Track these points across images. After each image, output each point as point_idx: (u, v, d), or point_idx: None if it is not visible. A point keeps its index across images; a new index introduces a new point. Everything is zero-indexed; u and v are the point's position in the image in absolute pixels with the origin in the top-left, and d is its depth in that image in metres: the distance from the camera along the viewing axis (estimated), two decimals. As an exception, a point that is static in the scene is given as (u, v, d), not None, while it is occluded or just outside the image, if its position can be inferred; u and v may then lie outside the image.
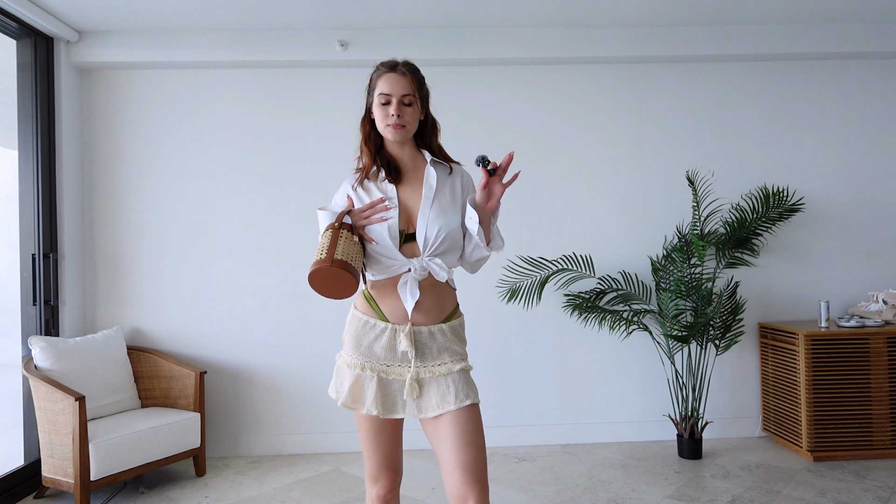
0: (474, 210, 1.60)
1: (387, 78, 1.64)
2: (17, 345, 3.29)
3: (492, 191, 1.60)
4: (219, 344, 3.66)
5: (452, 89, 3.74)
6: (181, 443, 3.14)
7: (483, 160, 1.55)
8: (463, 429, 1.58)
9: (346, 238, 1.57)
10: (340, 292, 1.58)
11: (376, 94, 1.64)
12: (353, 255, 1.56)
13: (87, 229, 3.65)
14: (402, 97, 1.63)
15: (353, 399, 1.66)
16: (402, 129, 1.64)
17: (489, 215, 1.64)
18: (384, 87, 1.63)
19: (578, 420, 3.75)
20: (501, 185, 1.60)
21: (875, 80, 3.85)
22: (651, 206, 3.79)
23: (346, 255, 1.54)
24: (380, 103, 1.63)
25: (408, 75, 1.64)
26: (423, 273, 1.63)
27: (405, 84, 1.63)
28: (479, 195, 1.61)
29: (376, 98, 1.64)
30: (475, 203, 1.62)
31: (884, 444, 3.34)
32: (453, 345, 1.67)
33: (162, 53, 3.56)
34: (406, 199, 1.67)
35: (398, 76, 1.63)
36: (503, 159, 1.58)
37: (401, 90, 1.63)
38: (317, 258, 1.55)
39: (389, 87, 1.62)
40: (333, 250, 1.53)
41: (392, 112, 1.62)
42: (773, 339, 3.65)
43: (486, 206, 1.61)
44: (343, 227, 1.59)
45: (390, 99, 1.62)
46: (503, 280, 3.64)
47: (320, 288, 1.57)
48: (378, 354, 1.65)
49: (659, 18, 3.57)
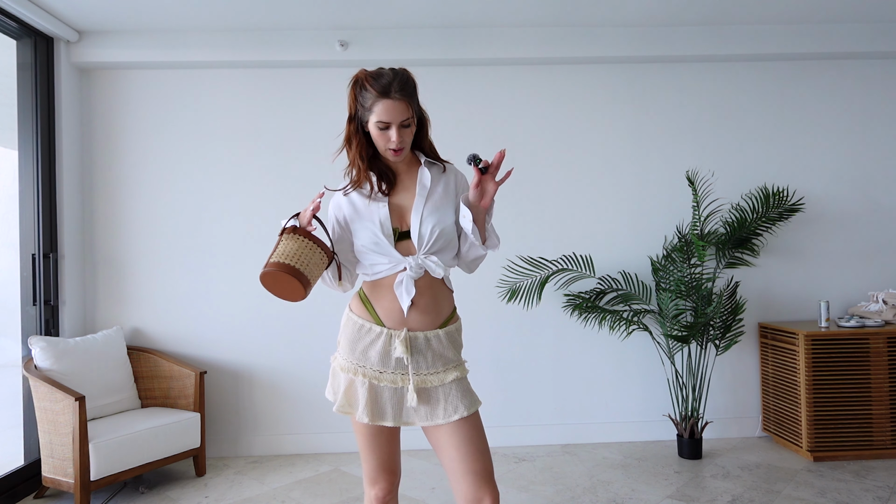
0: (468, 208, 1.60)
1: (383, 106, 1.56)
2: (17, 345, 3.29)
3: (485, 189, 1.60)
4: (219, 344, 3.66)
5: (452, 89, 3.74)
6: (181, 443, 3.14)
7: (474, 159, 1.54)
8: (467, 437, 1.59)
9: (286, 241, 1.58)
10: (292, 292, 1.59)
11: (373, 119, 1.59)
12: (294, 255, 1.56)
13: (87, 229, 3.65)
14: (401, 123, 1.59)
15: (349, 403, 1.66)
16: (402, 151, 1.63)
17: (483, 214, 1.64)
18: (382, 116, 1.57)
19: (578, 420, 3.75)
20: (494, 183, 1.59)
21: (875, 80, 3.85)
22: (651, 206, 3.79)
23: (285, 255, 1.56)
24: (378, 129, 1.60)
25: (403, 99, 1.57)
26: (420, 271, 1.62)
27: (402, 109, 1.57)
28: (473, 194, 1.60)
29: (373, 122, 1.60)
30: (468, 202, 1.61)
31: (884, 444, 3.34)
32: (447, 352, 1.65)
33: (162, 53, 3.56)
34: (400, 199, 1.67)
35: (394, 103, 1.56)
36: (495, 157, 1.58)
37: (399, 116, 1.57)
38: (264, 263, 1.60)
39: (388, 115, 1.57)
40: (272, 253, 1.58)
41: (393, 138, 1.59)
42: (773, 339, 3.65)
43: (480, 205, 1.61)
44: (286, 231, 1.60)
45: (389, 125, 1.59)
46: (503, 280, 3.64)
47: (274, 291, 1.61)
48: (372, 360, 1.63)
49: (659, 18, 3.57)
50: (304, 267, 1.56)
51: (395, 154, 1.62)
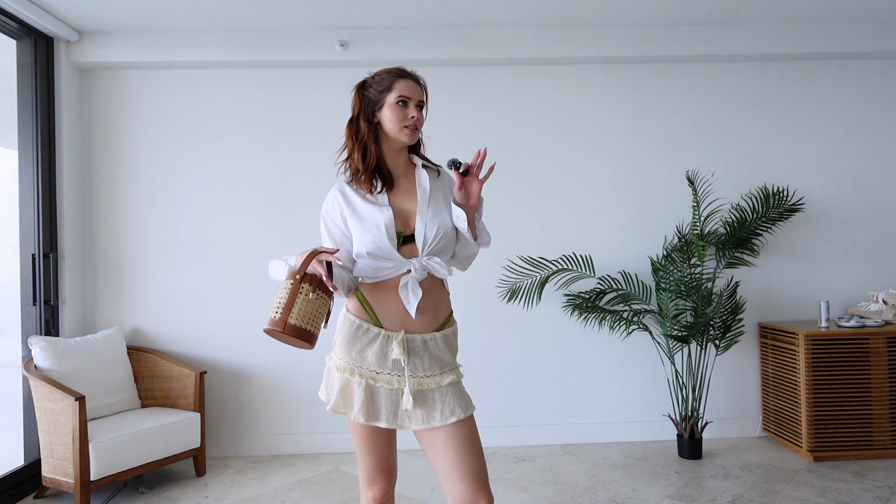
0: (460, 209, 1.64)
1: (405, 82, 1.66)
2: (17, 345, 3.29)
3: (469, 191, 1.64)
4: (219, 344, 3.66)
5: (452, 89, 3.74)
6: (181, 443, 3.14)
7: (454, 163, 1.59)
8: (462, 441, 1.58)
9: (305, 295, 1.52)
10: (296, 346, 1.57)
11: (392, 95, 1.64)
12: (310, 315, 1.52)
13: (87, 229, 3.65)
14: (418, 101, 1.67)
15: (344, 402, 1.66)
16: (416, 131, 1.67)
17: (472, 213, 1.68)
18: (403, 90, 1.65)
19: (578, 420, 3.75)
20: (478, 182, 1.63)
21: (875, 80, 3.85)
22: (651, 206, 3.79)
23: (301, 318, 1.51)
24: (397, 105, 1.64)
25: (421, 83, 1.70)
26: (423, 273, 1.63)
27: (419, 90, 1.69)
28: (458, 197, 1.64)
29: (392, 99, 1.64)
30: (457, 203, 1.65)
31: (884, 444, 3.34)
32: (444, 355, 1.66)
33: (162, 53, 3.56)
34: (401, 203, 1.68)
35: (413, 83, 1.68)
36: (473, 157, 1.62)
37: (417, 95, 1.67)
38: (273, 315, 1.52)
39: (409, 90, 1.65)
40: (289, 311, 1.51)
41: (412, 114, 1.65)
42: (773, 339, 3.65)
43: (469, 205, 1.65)
44: (305, 280, 1.54)
45: (409, 102, 1.65)
46: (503, 280, 3.64)
47: (274, 337, 1.57)
48: (368, 360, 1.63)
49: (659, 18, 3.57)
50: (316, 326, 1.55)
51: (410, 132, 1.66)
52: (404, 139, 1.66)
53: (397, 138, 1.67)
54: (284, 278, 1.59)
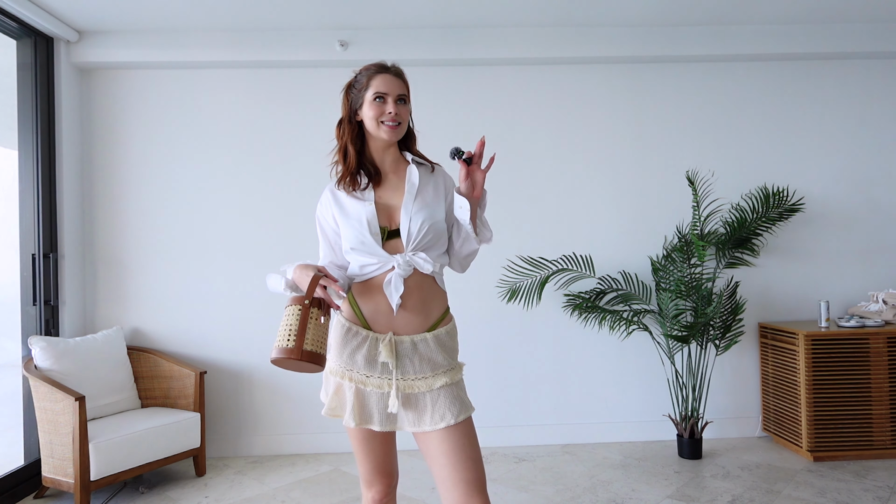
0: (464, 199, 1.59)
1: (381, 78, 1.63)
2: (17, 345, 3.29)
3: (474, 180, 1.60)
4: (219, 344, 3.66)
5: (452, 89, 3.74)
6: (181, 443, 3.14)
7: (458, 152, 1.56)
8: (457, 445, 1.55)
9: (315, 320, 1.51)
10: (305, 371, 1.56)
11: (370, 93, 1.62)
12: (321, 339, 1.51)
13: (87, 229, 3.65)
14: (398, 96, 1.64)
15: (339, 406, 1.65)
16: (397, 127, 1.63)
17: (476, 205, 1.63)
18: (380, 86, 1.62)
19: (578, 420, 3.75)
20: (482, 172, 1.60)
21: (875, 80, 3.85)
22: (651, 206, 3.79)
23: (315, 343, 1.49)
24: (374, 101, 1.62)
25: (401, 76, 1.67)
26: (408, 269, 1.59)
27: (399, 84, 1.65)
28: (463, 187, 1.59)
29: (369, 96, 1.62)
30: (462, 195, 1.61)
31: (884, 444, 3.34)
32: (437, 356, 1.61)
33: (162, 53, 3.56)
34: (388, 199, 1.66)
35: (392, 77, 1.64)
36: (476, 146, 1.58)
37: (396, 89, 1.64)
38: (283, 343, 1.49)
39: (385, 86, 1.62)
40: (303, 338, 1.49)
41: (389, 110, 1.62)
42: (773, 339, 3.65)
43: (473, 196, 1.60)
44: (313, 304, 1.52)
45: (386, 97, 1.62)
46: (503, 280, 3.64)
47: (284, 366, 1.55)
48: (359, 364, 1.60)
49: (659, 18, 3.57)
50: (326, 348, 1.55)
51: (390, 130, 1.63)
52: (384, 136, 1.64)
53: (377, 135, 1.65)
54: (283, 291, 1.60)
